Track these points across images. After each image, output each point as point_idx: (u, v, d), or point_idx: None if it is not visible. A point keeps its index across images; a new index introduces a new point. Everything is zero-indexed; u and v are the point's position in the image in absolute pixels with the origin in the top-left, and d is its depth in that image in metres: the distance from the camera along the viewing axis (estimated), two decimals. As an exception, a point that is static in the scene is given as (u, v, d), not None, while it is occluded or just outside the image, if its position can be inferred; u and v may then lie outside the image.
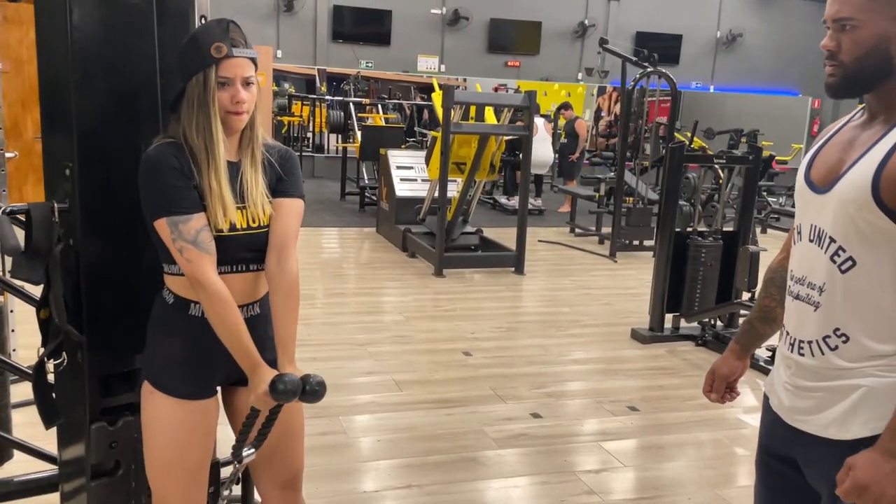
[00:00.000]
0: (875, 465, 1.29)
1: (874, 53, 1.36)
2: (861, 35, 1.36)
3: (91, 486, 1.88)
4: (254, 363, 1.61)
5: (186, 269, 1.58)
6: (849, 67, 1.39)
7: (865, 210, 1.35)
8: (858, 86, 1.42)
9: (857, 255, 1.38)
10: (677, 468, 3.23)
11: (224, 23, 1.62)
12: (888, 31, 1.34)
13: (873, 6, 1.35)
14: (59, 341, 1.80)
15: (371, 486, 2.90)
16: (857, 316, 1.39)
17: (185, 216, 1.58)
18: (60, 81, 1.79)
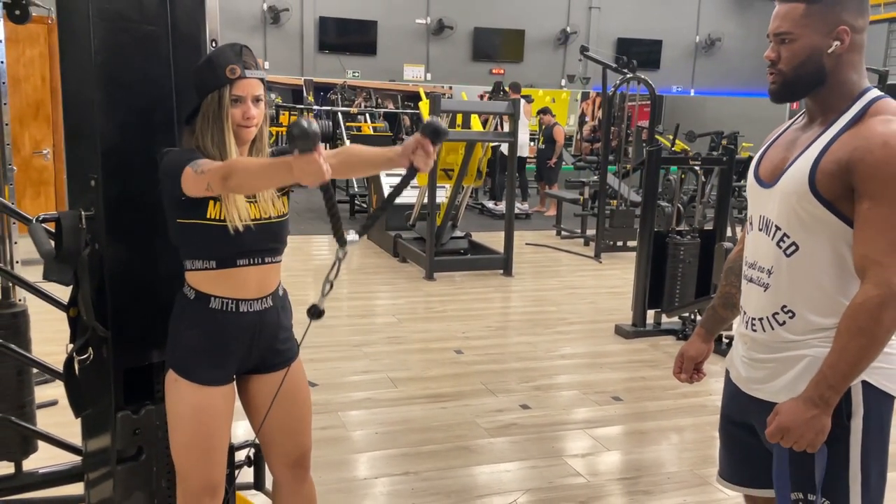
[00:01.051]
0: (796, 412, 1.50)
1: (808, 63, 1.57)
2: (797, 47, 1.57)
3: (117, 470, 2.05)
4: (286, 163, 1.48)
5: (213, 179, 1.65)
6: (788, 75, 1.60)
7: (805, 200, 1.54)
8: (796, 91, 1.62)
9: (800, 240, 1.58)
10: (658, 451, 3.43)
11: (237, 47, 1.81)
12: (820, 45, 1.55)
13: (807, 23, 1.55)
14: (86, 337, 1.98)
15: (371, 473, 3.09)
16: (801, 294, 1.59)
17: (202, 160, 1.74)
18: (85, 100, 1.98)
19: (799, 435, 1.50)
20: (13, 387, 2.37)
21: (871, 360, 1.48)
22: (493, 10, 14.62)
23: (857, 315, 1.46)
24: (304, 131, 1.38)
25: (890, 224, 1.44)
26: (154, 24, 1.97)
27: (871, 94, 1.57)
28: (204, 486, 1.93)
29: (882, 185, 1.45)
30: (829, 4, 1.54)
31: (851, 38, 1.55)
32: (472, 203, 11.30)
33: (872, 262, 1.45)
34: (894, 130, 1.47)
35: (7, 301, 2.36)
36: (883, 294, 1.43)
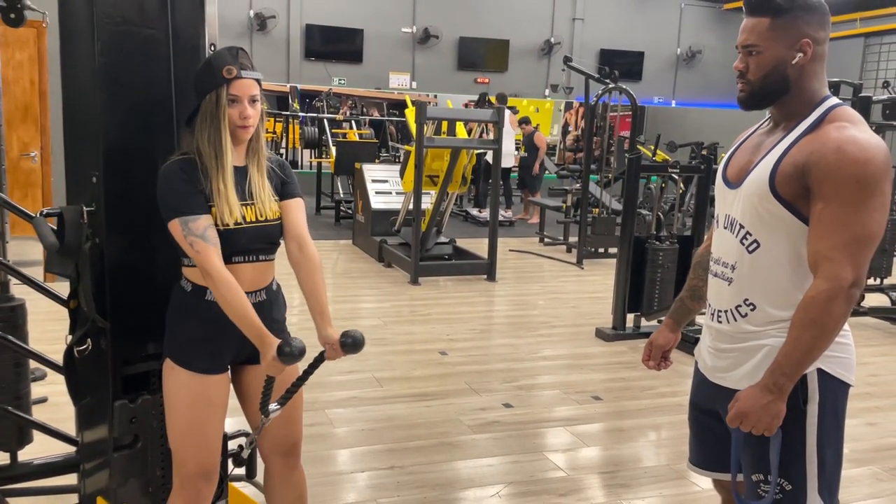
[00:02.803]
0: (754, 398, 1.62)
1: (774, 73, 1.68)
2: (763, 59, 1.68)
3: (114, 457, 2.13)
4: (260, 335, 1.83)
5: (196, 259, 1.85)
6: (755, 85, 1.71)
7: (765, 200, 1.66)
8: (763, 100, 1.73)
9: (761, 238, 1.70)
10: (636, 447, 3.54)
11: (234, 49, 1.90)
12: (785, 56, 1.67)
13: (773, 35, 1.66)
14: (86, 328, 2.06)
15: (356, 467, 3.17)
16: (762, 288, 1.71)
17: (194, 216, 1.85)
18: (87, 101, 2.06)
19: (756, 419, 1.61)
20: (10, 378, 2.43)
21: (822, 350, 1.59)
22: (479, 20, 14.80)
23: (809, 307, 1.57)
24: (293, 356, 1.79)
25: (840, 223, 1.55)
26: (155, 28, 2.06)
27: (830, 102, 1.68)
28: (200, 471, 2.01)
29: (834, 187, 1.56)
30: (793, 18, 1.64)
31: (814, 50, 1.66)
32: (457, 210, 11.41)
33: (823, 257, 1.56)
34: (847, 136, 1.58)
35: (5, 295, 2.42)
36: (832, 288, 1.54)
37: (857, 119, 1.64)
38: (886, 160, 1.57)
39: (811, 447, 1.68)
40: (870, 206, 1.55)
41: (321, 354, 1.96)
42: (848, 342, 1.71)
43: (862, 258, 1.56)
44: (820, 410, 1.67)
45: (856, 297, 1.57)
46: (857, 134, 1.59)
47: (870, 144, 1.57)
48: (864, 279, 1.58)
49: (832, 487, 1.71)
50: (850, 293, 1.55)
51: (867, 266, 1.59)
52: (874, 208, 1.55)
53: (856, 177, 1.54)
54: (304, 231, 2.03)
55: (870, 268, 6.17)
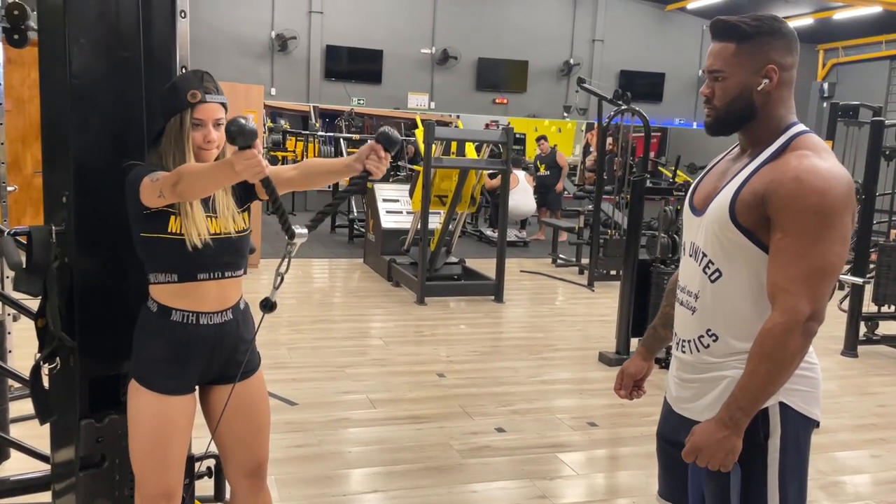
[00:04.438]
0: (708, 433, 1.57)
1: (739, 99, 1.64)
2: (729, 84, 1.65)
3: (80, 476, 2.12)
4: (226, 162, 1.61)
5: (166, 179, 1.74)
6: (720, 111, 1.67)
7: (726, 228, 1.63)
8: (729, 126, 1.69)
9: (723, 267, 1.66)
10: (626, 476, 3.46)
11: (199, 73, 1.91)
12: (750, 82, 1.63)
13: (738, 61, 1.63)
14: (53, 347, 2.06)
15: (340, 490, 3.14)
16: (723, 318, 1.67)
17: (161, 172, 1.83)
18: (61, 121, 2.08)
19: (710, 454, 1.56)
20: (-13, 395, 2.46)
21: (779, 385, 1.54)
22: (498, 41, 14.85)
23: (765, 340, 1.52)
24: (242, 128, 1.48)
25: (798, 254, 1.51)
26: (129, 51, 2.08)
27: (795, 129, 1.64)
28: (160, 492, 1.99)
29: (791, 218, 1.52)
30: (759, 44, 1.61)
31: (780, 76, 1.62)
32: (471, 230, 11.41)
33: (781, 289, 1.52)
34: (807, 166, 1.54)
35: (-16, 312, 2.45)
36: (788, 321, 1.49)
37: (820, 147, 1.60)
38: (847, 190, 1.53)
39: (773, 483, 1.62)
40: (829, 237, 1.50)
41: (364, 172, 1.74)
42: (814, 376, 1.66)
43: (820, 291, 1.51)
44: (782, 445, 1.62)
45: (814, 331, 1.52)
46: (819, 163, 1.55)
47: (830, 174, 1.52)
48: (822, 312, 1.52)
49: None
50: (808, 326, 1.50)
51: (826, 299, 1.53)
52: (833, 240, 1.51)
53: (814, 207, 1.50)
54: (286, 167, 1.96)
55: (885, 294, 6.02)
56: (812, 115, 16.69)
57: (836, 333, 5.91)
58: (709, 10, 15.55)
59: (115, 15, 2.04)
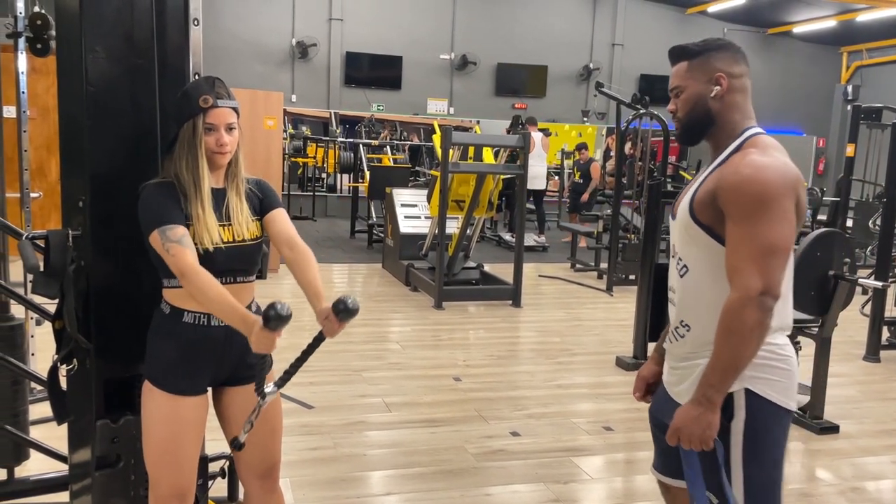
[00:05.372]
0: (686, 413, 1.72)
1: (697, 107, 1.85)
2: (687, 96, 1.86)
3: (96, 475, 2.16)
4: (243, 317, 1.82)
5: (172, 263, 1.85)
6: (683, 121, 1.88)
7: (689, 227, 1.81)
8: (693, 133, 1.89)
9: (689, 262, 1.84)
10: (643, 481, 3.44)
11: (211, 79, 1.95)
12: (703, 91, 1.83)
13: (691, 75, 1.85)
14: (70, 348, 2.11)
15: (354, 492, 3.15)
16: (693, 309, 1.84)
17: (172, 225, 1.88)
18: (77, 128, 2.13)
19: (689, 433, 1.70)
20: (8, 396, 2.51)
21: (744, 359, 1.67)
22: (517, 46, 14.86)
23: (724, 317, 1.68)
24: (280, 317, 1.72)
25: (745, 237, 1.68)
26: (143, 58, 2.12)
27: (749, 133, 1.82)
28: (173, 492, 2.02)
29: (736, 206, 1.70)
30: (706, 58, 1.84)
31: (730, 83, 1.82)
32: (490, 235, 11.41)
33: (734, 270, 1.69)
34: (747, 161, 1.73)
35: (4, 315, 2.50)
36: (742, 296, 1.65)
37: (768, 145, 1.77)
38: (782, 178, 1.69)
39: (736, 464, 1.76)
40: (769, 219, 1.66)
41: (320, 333, 1.92)
42: (785, 367, 1.77)
43: (769, 267, 1.66)
44: (745, 429, 1.74)
45: (769, 305, 1.65)
46: (758, 157, 1.72)
47: (765, 165, 1.70)
48: (776, 287, 1.66)
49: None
50: (761, 300, 1.64)
51: (779, 274, 1.68)
52: (774, 221, 1.66)
53: (751, 194, 1.68)
54: (292, 233, 2.04)
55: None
56: (835, 118, 16.49)
57: (859, 338, 5.83)
58: (730, 12, 15.45)
59: (130, 24, 2.08)
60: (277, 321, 1.74)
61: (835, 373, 4.52)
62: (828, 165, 16.70)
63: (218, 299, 1.84)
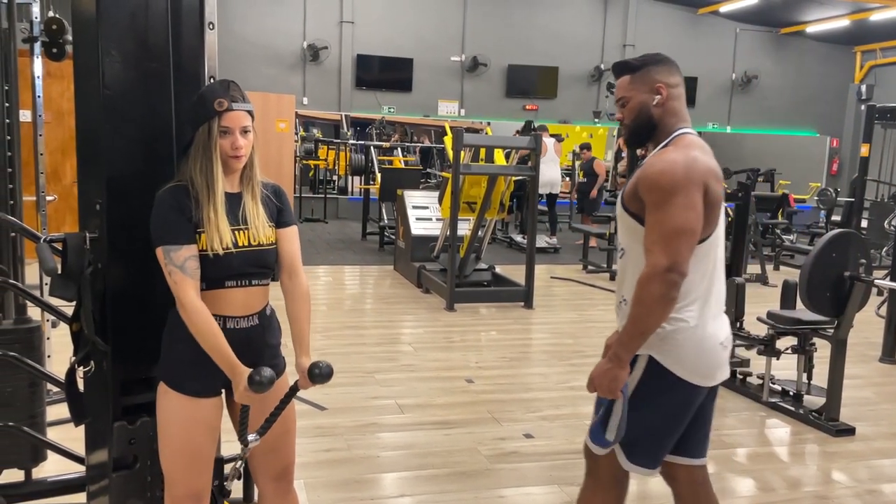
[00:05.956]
0: (599, 367, 2.03)
1: (641, 115, 2.11)
2: (632, 105, 2.12)
3: (113, 477, 2.18)
4: (231, 365, 1.91)
5: (172, 288, 1.91)
6: (630, 127, 2.14)
7: (623, 216, 2.08)
8: (640, 138, 2.14)
9: (625, 246, 2.11)
10: (656, 483, 3.42)
11: (226, 82, 1.96)
12: (646, 100, 2.09)
13: (634, 87, 2.11)
14: (87, 350, 2.12)
15: (368, 494, 3.16)
16: (629, 286, 2.06)
17: (176, 246, 1.91)
18: (94, 132, 2.15)
19: (599, 384, 2.01)
20: (26, 398, 2.53)
21: (648, 325, 1.93)
22: (527, 47, 14.83)
23: (636, 290, 1.94)
24: (262, 384, 1.84)
25: (657, 222, 1.93)
26: (159, 62, 2.13)
27: (678, 132, 2.07)
28: (189, 493, 2.04)
29: (649, 195, 1.96)
30: (646, 71, 2.10)
31: (668, 92, 2.08)
32: (502, 236, 11.40)
33: (647, 250, 1.94)
34: (658, 157, 2.00)
35: (22, 317, 2.52)
36: (650, 272, 1.91)
37: (688, 144, 2.02)
38: (689, 171, 1.93)
39: (621, 404, 2.03)
40: (674, 205, 1.91)
41: (295, 384, 2.01)
42: (695, 345, 2.02)
43: (674, 247, 1.89)
44: (638, 386, 2.04)
45: (673, 280, 1.89)
46: (671, 154, 1.98)
47: (675, 160, 1.95)
48: (681, 264, 1.90)
49: (634, 450, 2.10)
50: (667, 276, 1.89)
51: (685, 254, 1.91)
52: (678, 207, 1.90)
53: (657, 184, 1.94)
54: (295, 261, 2.09)
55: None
56: (849, 118, 16.39)
57: (875, 340, 5.79)
58: (742, 12, 15.37)
59: (146, 28, 2.09)
60: (259, 387, 1.84)
61: (850, 375, 4.49)
62: (841, 166, 16.60)
63: (213, 343, 1.91)
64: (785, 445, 4.01)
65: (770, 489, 3.42)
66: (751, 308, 4.92)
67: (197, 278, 1.92)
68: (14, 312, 2.84)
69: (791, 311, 4.43)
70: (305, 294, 2.08)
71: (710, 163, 2.00)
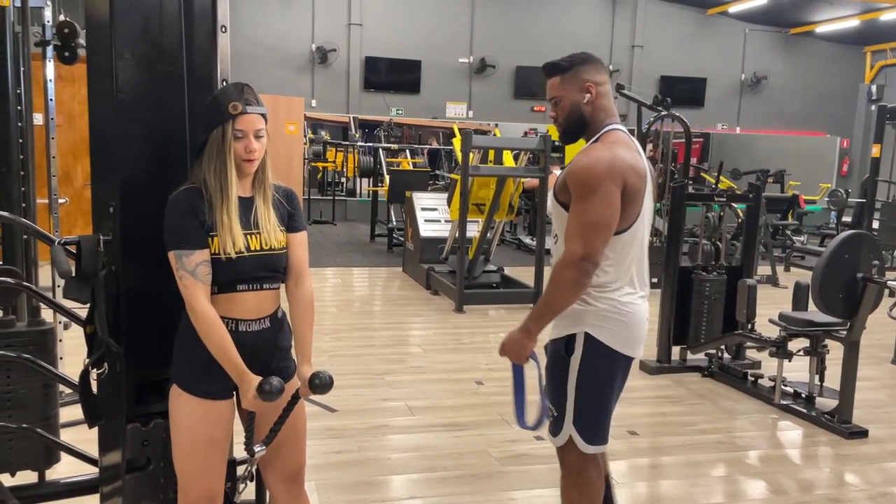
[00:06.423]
0: (510, 336, 2.26)
1: (573, 113, 2.25)
2: (564, 104, 2.25)
3: (126, 479, 2.18)
4: (240, 372, 1.91)
5: (183, 293, 1.92)
6: (563, 125, 2.29)
7: (554, 206, 2.26)
8: (572, 134, 2.30)
9: (557, 231, 2.27)
10: (668, 486, 3.42)
11: (240, 86, 1.96)
12: (577, 99, 2.24)
13: (565, 86, 2.24)
14: (101, 352, 2.13)
15: (378, 496, 3.16)
16: None
17: (188, 251, 1.91)
18: (107, 135, 2.15)
19: (509, 350, 2.26)
20: (39, 400, 2.53)
21: (559, 304, 2.14)
22: (536, 49, 14.81)
23: (552, 272, 2.14)
24: (272, 394, 1.86)
25: (577, 214, 2.11)
26: (172, 65, 2.14)
27: (607, 128, 2.23)
28: (202, 495, 2.04)
29: (573, 189, 2.13)
30: (575, 71, 2.23)
31: (597, 90, 2.23)
32: (510, 238, 11.39)
33: (567, 239, 2.12)
34: (584, 153, 2.16)
35: (36, 319, 2.53)
36: (566, 259, 2.10)
37: (612, 140, 2.18)
38: (608, 168, 2.08)
39: (570, 389, 2.25)
40: (592, 200, 2.08)
41: (297, 393, 2.03)
42: (624, 320, 2.21)
43: (589, 238, 2.07)
44: (581, 364, 2.23)
45: (586, 269, 2.08)
46: (595, 150, 2.15)
47: (594, 156, 2.12)
48: (595, 254, 2.08)
49: (586, 425, 2.29)
50: (581, 264, 2.07)
51: (598, 244, 2.09)
52: (595, 202, 2.07)
53: (580, 180, 2.11)
54: (303, 267, 2.10)
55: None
56: (859, 119, 16.29)
57: (887, 342, 5.76)
58: (751, 13, 15.33)
59: (159, 31, 2.10)
60: (269, 395, 1.85)
61: (863, 376, 4.46)
62: (852, 166, 16.51)
63: (222, 350, 1.91)
64: (797, 448, 3.99)
65: (782, 492, 3.40)
66: (762, 310, 4.90)
67: (208, 283, 1.93)
68: (28, 314, 2.85)
69: (803, 313, 4.41)
70: (310, 301, 2.09)
71: (632, 159, 2.14)
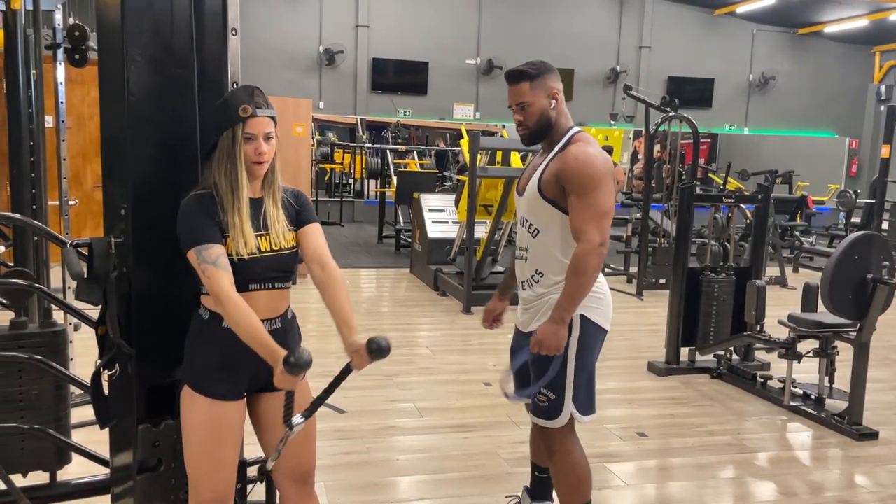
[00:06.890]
0: (546, 329, 2.37)
1: (542, 118, 2.45)
2: (533, 109, 2.45)
3: (137, 479, 2.19)
4: (272, 350, 1.85)
5: (207, 284, 1.90)
6: (531, 129, 2.48)
7: (537, 201, 2.45)
8: (538, 137, 2.50)
9: (539, 226, 2.48)
10: (677, 487, 3.41)
11: (250, 88, 1.97)
12: (545, 105, 2.45)
13: (534, 92, 2.43)
14: (112, 353, 2.14)
15: (387, 497, 3.16)
16: (543, 261, 2.48)
17: (208, 245, 1.91)
18: (118, 137, 2.17)
19: (549, 343, 2.35)
20: (51, 401, 2.54)
21: (585, 290, 2.34)
22: (543, 49, 14.78)
23: (575, 262, 2.34)
24: (298, 366, 1.80)
25: (585, 206, 2.34)
26: (183, 68, 2.15)
27: (573, 131, 2.47)
28: (213, 496, 2.05)
29: (576, 184, 2.36)
30: (543, 79, 2.44)
31: (560, 97, 2.47)
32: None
33: (579, 230, 2.35)
34: (580, 150, 2.38)
35: (48, 321, 2.55)
36: (588, 248, 2.31)
37: (589, 139, 2.45)
38: (605, 165, 2.38)
39: (571, 365, 2.45)
40: (598, 191, 2.35)
41: (347, 366, 1.99)
42: (603, 297, 2.49)
43: (603, 226, 2.34)
44: (579, 344, 2.44)
45: (604, 253, 2.34)
46: (587, 148, 2.40)
47: (592, 154, 2.37)
48: (607, 241, 2.35)
49: (582, 400, 2.50)
50: (600, 250, 2.32)
51: (608, 232, 2.36)
52: (601, 193, 2.35)
53: (587, 174, 2.35)
54: (324, 252, 2.09)
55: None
56: (868, 119, 16.22)
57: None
58: (759, 13, 15.27)
59: (170, 34, 2.11)
60: (295, 368, 1.80)
61: (873, 378, 4.43)
62: (861, 167, 16.43)
63: (251, 331, 1.88)
64: (807, 449, 3.98)
65: (792, 494, 3.39)
66: (771, 311, 4.88)
67: (230, 272, 1.91)
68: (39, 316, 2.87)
69: (812, 314, 4.40)
70: (340, 280, 2.06)
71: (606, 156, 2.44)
